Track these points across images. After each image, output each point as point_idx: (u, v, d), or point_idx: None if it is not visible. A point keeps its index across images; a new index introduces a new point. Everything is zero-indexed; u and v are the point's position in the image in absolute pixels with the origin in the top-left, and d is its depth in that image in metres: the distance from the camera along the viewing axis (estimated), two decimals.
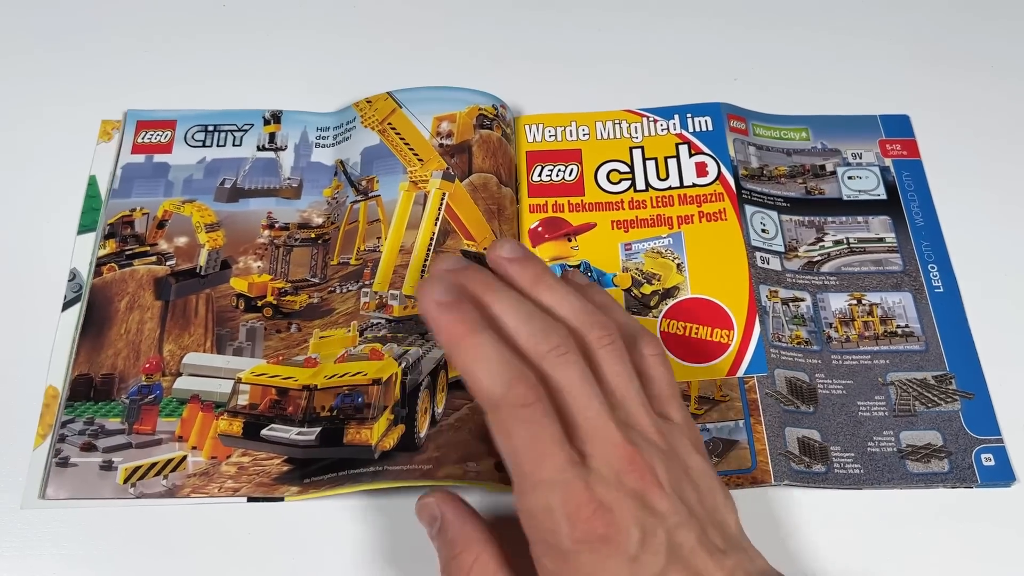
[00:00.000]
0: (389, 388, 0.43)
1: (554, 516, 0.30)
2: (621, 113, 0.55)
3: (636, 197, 0.52)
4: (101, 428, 0.43)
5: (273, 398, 0.44)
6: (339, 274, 0.49)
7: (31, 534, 0.41)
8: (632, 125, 0.55)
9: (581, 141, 0.54)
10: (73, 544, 0.41)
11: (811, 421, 0.46)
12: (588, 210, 0.52)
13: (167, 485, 0.42)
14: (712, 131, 0.54)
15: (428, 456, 0.42)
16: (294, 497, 0.42)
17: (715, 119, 0.54)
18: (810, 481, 0.44)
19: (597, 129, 0.55)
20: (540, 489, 0.30)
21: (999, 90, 0.59)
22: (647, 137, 0.54)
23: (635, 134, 0.54)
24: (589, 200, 0.52)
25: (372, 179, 0.51)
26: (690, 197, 0.52)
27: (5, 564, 0.41)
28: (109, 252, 0.49)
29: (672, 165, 0.53)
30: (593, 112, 0.55)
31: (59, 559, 0.41)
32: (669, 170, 0.53)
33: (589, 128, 0.55)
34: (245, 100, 0.55)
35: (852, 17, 0.63)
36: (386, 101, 0.53)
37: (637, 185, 0.52)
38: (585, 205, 0.52)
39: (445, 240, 0.49)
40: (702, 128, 0.54)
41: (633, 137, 0.54)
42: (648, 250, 0.50)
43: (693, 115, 0.54)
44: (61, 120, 0.54)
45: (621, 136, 0.54)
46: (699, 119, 0.54)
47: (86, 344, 0.46)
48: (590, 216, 0.52)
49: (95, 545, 0.41)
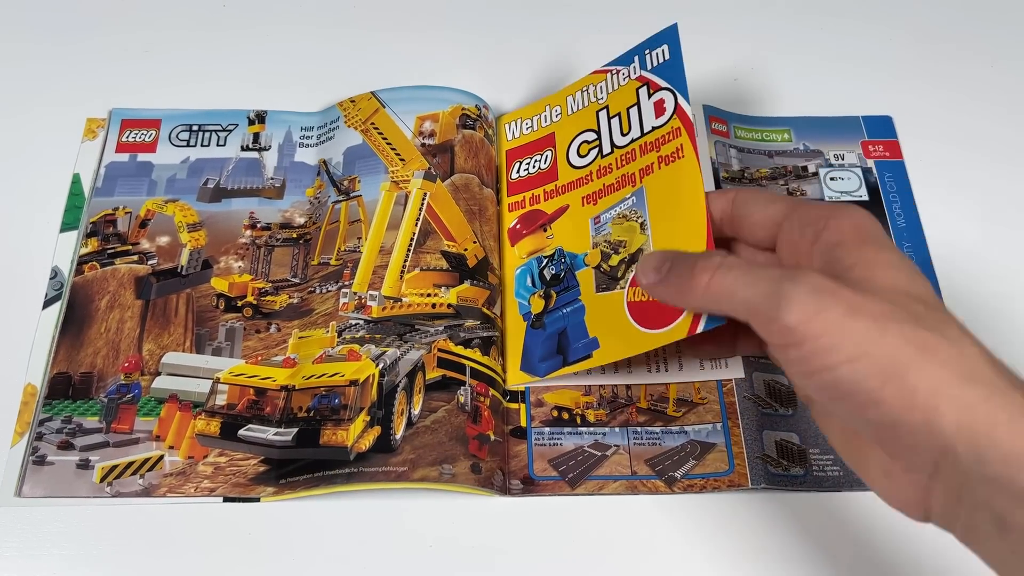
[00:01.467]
0: (366, 389, 0.43)
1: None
2: (587, 78, 0.53)
3: (603, 163, 0.50)
4: (79, 427, 0.44)
5: (251, 398, 0.44)
6: (319, 274, 0.49)
7: (4, 532, 0.41)
8: (598, 86, 0.52)
9: (554, 123, 0.53)
10: (47, 542, 0.41)
11: (789, 424, 0.46)
12: (561, 193, 0.51)
13: (143, 484, 0.42)
14: (669, 60, 0.49)
15: (403, 458, 0.42)
16: (270, 498, 0.42)
17: (671, 45, 0.49)
18: (788, 484, 0.44)
19: (568, 104, 0.53)
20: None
21: (981, 92, 0.59)
22: (611, 93, 0.51)
23: (600, 94, 0.52)
24: (562, 182, 0.51)
25: (354, 179, 0.51)
26: (650, 144, 0.48)
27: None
28: (91, 250, 0.49)
29: (633, 114, 0.49)
30: (563, 89, 0.54)
31: (31, 557, 0.41)
32: (631, 121, 0.49)
33: (561, 107, 0.54)
34: (231, 100, 0.56)
35: (835, 18, 0.63)
36: (369, 101, 0.53)
37: (604, 149, 0.50)
38: (558, 189, 0.51)
39: (425, 241, 0.49)
40: (660, 60, 0.49)
41: (599, 98, 0.52)
42: (614, 217, 0.48)
43: (650, 48, 0.50)
44: (47, 117, 0.54)
45: (588, 103, 0.52)
46: (656, 51, 0.50)
47: (66, 342, 0.46)
48: (563, 199, 0.50)
49: (69, 544, 0.41)
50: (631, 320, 0.44)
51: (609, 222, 0.48)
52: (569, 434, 0.46)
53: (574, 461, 0.45)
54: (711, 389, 0.47)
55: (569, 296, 0.47)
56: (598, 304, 0.46)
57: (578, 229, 0.49)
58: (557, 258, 0.49)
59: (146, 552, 0.41)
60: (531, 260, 0.50)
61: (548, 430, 0.46)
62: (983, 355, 0.29)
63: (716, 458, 0.45)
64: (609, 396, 0.47)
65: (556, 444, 0.45)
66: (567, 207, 0.50)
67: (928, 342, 0.29)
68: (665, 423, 0.46)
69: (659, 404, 0.47)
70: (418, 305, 0.47)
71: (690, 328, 0.41)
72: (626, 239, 0.47)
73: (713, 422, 0.46)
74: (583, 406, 0.46)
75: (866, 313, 0.30)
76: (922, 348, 0.29)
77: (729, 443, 0.45)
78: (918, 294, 0.31)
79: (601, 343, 0.45)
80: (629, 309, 0.44)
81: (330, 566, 0.41)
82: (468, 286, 0.48)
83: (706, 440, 0.45)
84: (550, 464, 0.45)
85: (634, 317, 0.44)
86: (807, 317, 0.30)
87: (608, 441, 0.45)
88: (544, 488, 0.44)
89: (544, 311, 0.47)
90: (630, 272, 0.45)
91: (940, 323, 0.30)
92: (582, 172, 0.50)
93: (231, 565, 0.41)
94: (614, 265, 0.46)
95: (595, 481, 0.44)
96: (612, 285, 0.46)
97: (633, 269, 0.45)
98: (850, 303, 0.30)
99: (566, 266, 0.48)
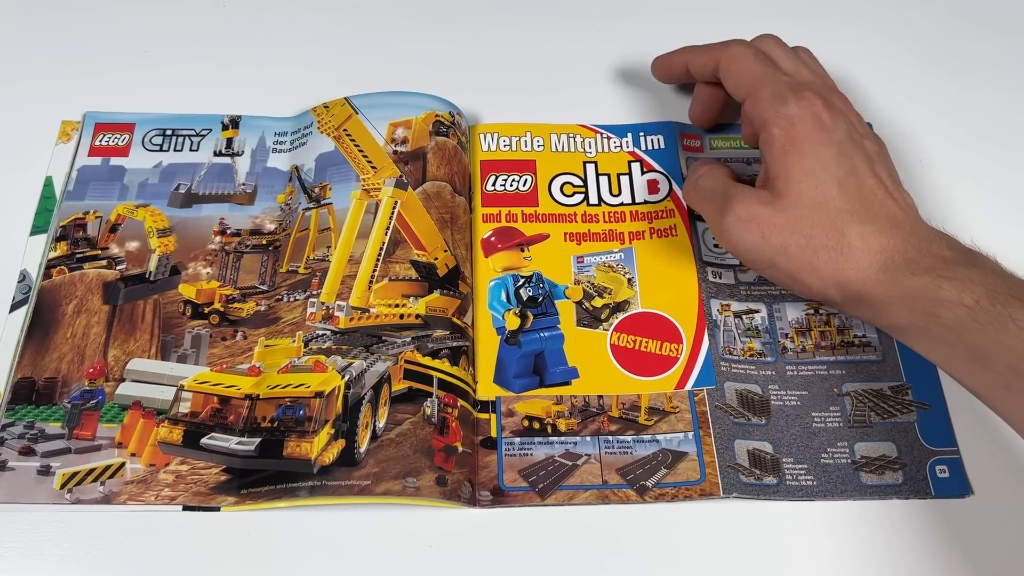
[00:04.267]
0: (331, 401, 0.43)
1: (786, 97, 0.44)
2: (575, 127, 0.55)
3: (589, 211, 0.52)
4: (41, 432, 0.43)
5: (215, 406, 0.43)
6: (287, 282, 0.49)
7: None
8: (586, 140, 0.54)
9: (536, 152, 0.54)
10: (3, 549, 0.41)
11: (763, 433, 0.45)
12: (541, 221, 0.51)
13: (104, 492, 0.42)
14: (664, 149, 0.54)
15: (367, 472, 0.42)
16: (230, 507, 0.41)
17: (667, 138, 0.54)
18: (760, 493, 0.43)
19: (552, 141, 0.54)
20: (776, 85, 0.45)
21: (967, 95, 0.59)
22: (600, 153, 0.54)
23: (589, 149, 0.54)
24: (543, 211, 0.52)
25: (325, 186, 0.51)
26: (642, 213, 0.52)
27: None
28: (60, 254, 0.49)
29: (624, 182, 0.53)
30: (548, 124, 0.55)
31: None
32: (622, 186, 0.53)
33: (544, 139, 0.54)
34: (206, 104, 0.55)
35: (809, 22, 0.62)
36: (343, 107, 0.53)
37: (590, 199, 0.52)
38: (539, 216, 0.52)
39: (395, 250, 0.49)
40: (654, 146, 0.54)
41: (587, 152, 0.54)
42: (600, 264, 0.50)
43: (646, 134, 0.54)
44: (22, 119, 0.54)
45: (575, 150, 0.54)
46: (652, 137, 0.54)
47: (31, 347, 0.46)
48: (543, 227, 0.51)
49: (26, 551, 0.41)
50: (615, 363, 0.47)
51: (594, 266, 0.50)
52: (540, 444, 0.45)
53: (544, 471, 0.44)
54: (683, 398, 0.46)
55: (547, 321, 0.49)
56: (579, 337, 0.48)
57: (559, 261, 0.50)
58: (535, 281, 0.49)
59: (104, 560, 0.41)
60: (507, 276, 0.50)
61: (519, 440, 0.45)
62: (861, 243, 0.42)
63: (688, 467, 0.44)
64: (580, 405, 0.46)
65: (527, 454, 0.45)
66: (548, 236, 0.51)
67: (816, 251, 0.42)
68: (637, 432, 0.45)
69: (631, 413, 0.46)
70: (386, 316, 0.47)
71: (678, 383, 0.47)
72: (611, 287, 0.49)
73: (684, 431, 0.45)
74: (554, 415, 0.46)
75: (774, 235, 0.43)
76: (812, 257, 0.42)
77: (701, 452, 0.45)
78: (821, 199, 0.43)
79: (582, 374, 0.47)
80: (614, 353, 0.47)
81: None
82: (438, 296, 0.47)
83: (678, 449, 0.45)
84: (520, 474, 0.44)
85: (619, 362, 0.47)
86: (734, 241, 0.44)
87: (579, 450, 0.45)
88: (514, 499, 0.43)
89: (519, 330, 0.48)
90: (615, 318, 0.48)
91: (831, 226, 0.42)
92: (566, 210, 0.52)
93: (189, 575, 0.40)
94: (597, 307, 0.49)
95: (566, 491, 0.44)
96: (594, 324, 0.49)
97: (619, 316, 0.48)
98: (762, 232, 0.43)
99: (544, 292, 0.49)
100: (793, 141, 0.43)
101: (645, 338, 0.48)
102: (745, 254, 0.44)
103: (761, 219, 0.43)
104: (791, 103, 0.44)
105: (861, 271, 0.42)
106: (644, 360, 0.47)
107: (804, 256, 0.42)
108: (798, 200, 0.43)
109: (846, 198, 0.42)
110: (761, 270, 0.45)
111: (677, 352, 0.47)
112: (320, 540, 0.42)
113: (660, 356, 0.47)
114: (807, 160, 0.43)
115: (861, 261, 0.42)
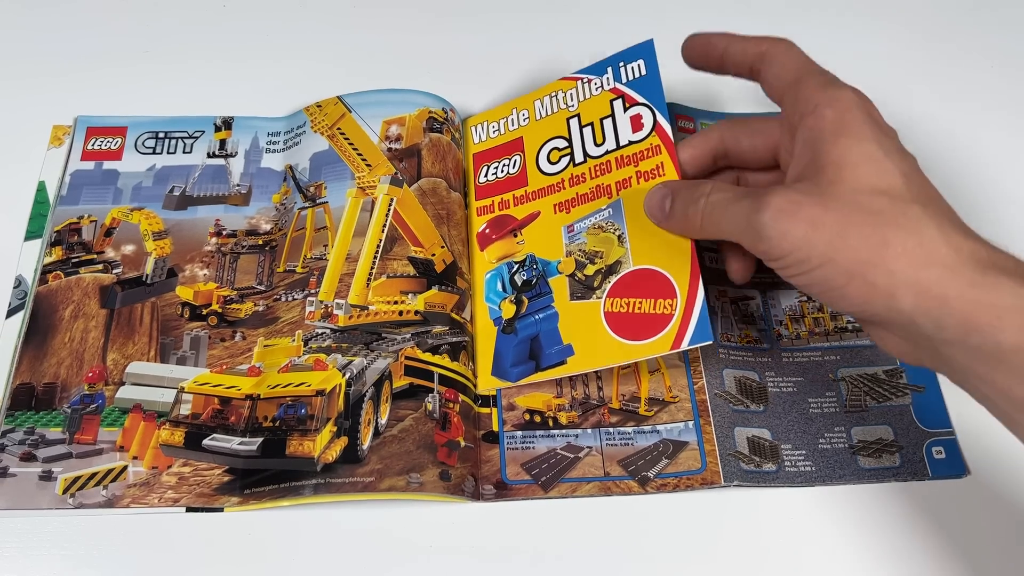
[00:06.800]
0: (332, 399, 0.43)
1: (839, 83, 0.39)
2: (556, 84, 0.53)
3: (575, 172, 0.49)
4: (42, 438, 0.43)
5: (216, 407, 0.43)
6: (285, 282, 0.49)
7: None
8: (567, 93, 0.52)
9: (522, 127, 0.53)
10: (7, 557, 0.41)
11: (761, 420, 0.46)
12: (532, 199, 0.50)
13: (107, 496, 0.42)
14: (646, 75, 0.49)
15: (370, 468, 0.42)
16: (234, 508, 0.41)
17: (647, 61, 0.49)
18: (760, 481, 0.44)
19: (536, 109, 0.53)
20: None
21: (959, 98, 0.59)
22: (582, 102, 0.51)
23: (571, 102, 0.51)
24: (532, 188, 0.51)
25: (320, 185, 0.51)
26: (627, 158, 0.48)
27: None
28: (55, 259, 0.49)
29: (608, 126, 0.49)
30: (531, 92, 0.53)
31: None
32: (605, 132, 0.49)
33: (529, 111, 0.53)
34: (198, 106, 0.55)
35: (808, 11, 0.62)
36: (336, 106, 0.53)
37: (576, 158, 0.50)
38: (529, 195, 0.51)
39: (392, 247, 0.49)
40: (635, 75, 0.49)
41: (569, 106, 0.51)
42: (590, 227, 0.48)
43: (625, 62, 0.50)
44: (13, 124, 0.54)
45: (558, 109, 0.52)
46: (631, 65, 0.50)
47: (29, 352, 0.46)
48: (534, 205, 0.50)
49: (31, 557, 0.41)
50: (609, 331, 0.45)
51: (584, 231, 0.48)
52: (541, 437, 0.45)
53: (547, 464, 0.45)
54: (682, 388, 0.46)
55: (541, 302, 0.47)
56: (573, 312, 0.46)
57: (550, 236, 0.49)
58: (528, 264, 0.48)
59: (109, 564, 0.41)
60: (501, 265, 0.49)
61: (520, 434, 0.45)
62: (942, 236, 0.33)
63: (688, 456, 0.44)
64: (581, 397, 0.47)
65: (529, 448, 0.45)
66: (538, 213, 0.50)
67: (886, 238, 0.33)
68: (637, 423, 0.46)
69: (631, 404, 0.46)
70: (385, 313, 0.47)
71: (673, 343, 0.43)
72: (602, 250, 0.47)
73: (685, 420, 0.45)
74: (555, 408, 0.46)
75: (828, 223, 0.34)
76: (880, 245, 0.33)
77: (701, 441, 0.45)
78: (885, 187, 0.35)
79: (576, 350, 0.45)
80: (607, 319, 0.45)
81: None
82: (436, 292, 0.48)
83: (678, 439, 0.45)
84: (523, 468, 0.44)
85: (612, 328, 0.45)
86: (776, 242, 0.35)
87: (581, 443, 0.45)
88: (517, 492, 0.43)
89: (515, 316, 0.47)
90: (607, 283, 0.46)
91: (902, 215, 0.34)
92: (553, 179, 0.50)
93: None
94: (590, 275, 0.47)
95: (568, 483, 0.44)
96: (587, 294, 0.46)
97: (611, 280, 0.46)
98: (811, 219, 0.35)
99: (538, 272, 0.48)
100: (848, 124, 0.36)
101: (638, 299, 0.45)
102: (792, 252, 0.35)
103: (808, 207, 0.35)
104: (845, 88, 0.38)
105: (949, 267, 0.32)
106: (638, 323, 0.44)
107: (870, 244, 0.33)
108: (855, 186, 0.35)
109: (914, 192, 0.35)
110: (809, 271, 0.35)
111: (672, 308, 0.44)
112: (325, 538, 0.42)
113: (654, 316, 0.44)
114: (867, 144, 0.36)
115: (947, 257, 0.33)
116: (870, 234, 0.34)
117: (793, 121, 0.39)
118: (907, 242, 0.33)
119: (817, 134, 0.37)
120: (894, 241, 0.33)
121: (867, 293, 0.34)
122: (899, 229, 0.33)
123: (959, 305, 0.32)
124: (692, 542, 0.43)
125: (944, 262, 0.33)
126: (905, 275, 0.33)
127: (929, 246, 0.33)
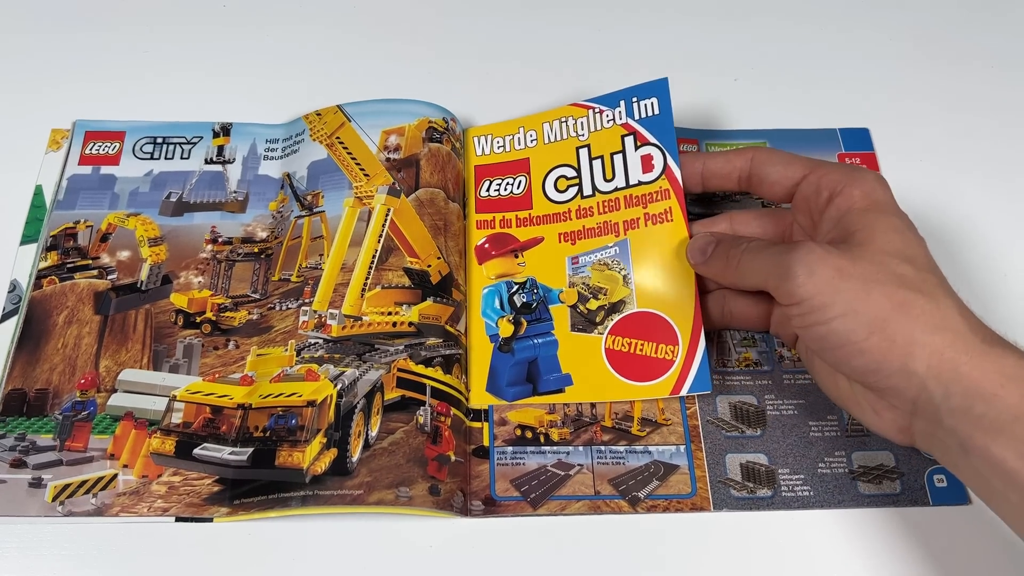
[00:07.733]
0: (323, 410, 0.43)
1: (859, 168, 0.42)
2: (567, 109, 0.52)
3: (583, 204, 0.50)
4: (32, 444, 0.43)
5: (207, 416, 0.43)
6: (279, 290, 0.49)
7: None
8: (578, 121, 0.52)
9: (529, 148, 0.52)
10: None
11: (757, 445, 0.45)
12: (536, 223, 0.50)
13: (96, 504, 0.42)
14: (659, 115, 0.49)
15: (360, 481, 0.41)
16: (223, 518, 0.41)
17: (661, 99, 0.49)
18: (753, 507, 0.43)
19: (544, 132, 0.52)
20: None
21: (958, 104, 0.59)
22: (593, 133, 0.51)
23: (581, 131, 0.51)
24: (537, 213, 0.51)
25: (317, 194, 0.51)
26: (636, 198, 0.48)
27: None
28: (50, 264, 0.49)
29: (619, 162, 0.49)
30: (539, 113, 0.53)
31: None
32: (615, 168, 0.49)
33: (537, 132, 0.53)
34: (197, 112, 0.55)
35: (812, 31, 0.62)
36: (336, 115, 0.53)
37: (584, 190, 0.50)
38: (533, 219, 0.51)
39: (388, 257, 0.49)
40: (648, 112, 0.50)
41: (579, 135, 0.51)
42: (595, 262, 0.48)
43: (639, 98, 0.50)
44: (11, 128, 0.54)
45: (567, 136, 0.52)
46: (645, 102, 0.50)
47: (22, 358, 0.46)
48: (538, 230, 0.50)
49: (19, 565, 0.41)
50: (609, 367, 0.46)
51: (588, 266, 0.49)
52: (532, 453, 0.45)
53: (537, 481, 0.44)
54: (675, 411, 0.46)
55: (541, 327, 0.48)
56: (573, 342, 0.47)
57: (553, 264, 0.49)
58: (529, 287, 0.49)
59: (97, 573, 0.40)
60: (500, 283, 0.49)
61: (511, 449, 0.45)
62: (956, 307, 0.36)
63: (679, 480, 0.44)
64: (574, 414, 0.46)
65: (519, 464, 0.45)
66: (542, 239, 0.50)
67: (907, 299, 0.36)
68: (629, 442, 0.45)
69: (624, 423, 0.46)
70: (379, 324, 0.47)
71: (673, 389, 0.45)
72: (607, 287, 0.48)
73: (676, 444, 0.45)
74: (547, 425, 0.46)
75: (855, 275, 0.37)
76: (902, 304, 0.36)
77: (692, 466, 0.45)
78: (910, 255, 0.38)
79: (576, 381, 0.46)
80: (608, 357, 0.46)
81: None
82: (431, 303, 0.47)
83: (669, 462, 0.45)
84: (512, 484, 0.44)
85: (614, 366, 0.46)
86: (803, 280, 0.37)
87: (572, 460, 0.45)
88: (506, 509, 0.43)
89: (513, 337, 0.47)
90: (610, 320, 0.47)
91: (923, 282, 0.37)
92: (560, 208, 0.50)
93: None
94: (592, 310, 0.48)
95: (558, 501, 0.44)
96: (589, 328, 0.47)
97: (614, 318, 0.47)
98: (839, 267, 0.37)
99: (539, 298, 0.48)
100: (877, 202, 0.40)
101: (640, 340, 0.46)
102: (816, 295, 0.37)
103: (837, 257, 0.37)
104: (868, 172, 0.42)
105: (961, 335, 0.35)
106: (640, 364, 0.46)
107: (892, 303, 0.36)
108: (883, 249, 0.38)
109: (931, 266, 0.38)
110: (829, 320, 0.37)
111: (673, 355, 0.45)
112: (313, 550, 0.42)
113: (656, 359, 0.46)
114: (893, 219, 0.39)
115: (960, 325, 0.36)
116: (892, 293, 0.36)
117: (814, 206, 0.42)
118: (926, 306, 0.36)
119: (846, 211, 0.40)
120: (915, 303, 0.36)
121: (885, 349, 0.36)
122: (920, 294, 0.36)
123: (967, 371, 0.34)
124: (682, 563, 0.42)
125: (957, 329, 0.35)
126: (923, 335, 0.35)
127: (945, 312, 0.36)
